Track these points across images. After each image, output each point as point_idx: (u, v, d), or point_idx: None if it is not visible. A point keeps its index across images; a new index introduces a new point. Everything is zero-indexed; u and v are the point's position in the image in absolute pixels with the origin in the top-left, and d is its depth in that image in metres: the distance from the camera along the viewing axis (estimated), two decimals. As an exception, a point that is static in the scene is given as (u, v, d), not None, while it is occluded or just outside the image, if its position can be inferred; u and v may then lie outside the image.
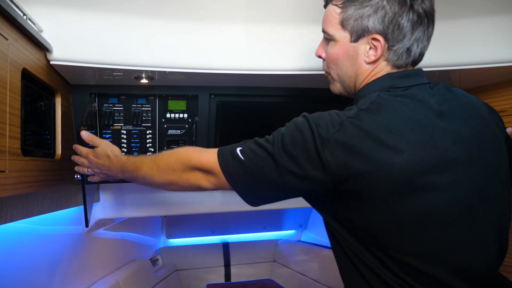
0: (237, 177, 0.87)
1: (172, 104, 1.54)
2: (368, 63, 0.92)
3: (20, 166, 0.93)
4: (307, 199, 0.92)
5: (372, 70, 0.92)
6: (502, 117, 0.97)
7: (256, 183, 0.86)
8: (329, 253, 2.49)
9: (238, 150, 0.87)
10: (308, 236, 3.09)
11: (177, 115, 1.56)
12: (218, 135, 1.61)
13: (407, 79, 0.91)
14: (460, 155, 0.83)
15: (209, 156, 0.91)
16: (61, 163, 1.24)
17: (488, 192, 0.85)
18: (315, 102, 1.60)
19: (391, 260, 0.81)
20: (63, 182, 1.24)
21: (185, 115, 1.56)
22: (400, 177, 0.78)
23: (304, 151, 0.80)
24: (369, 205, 0.80)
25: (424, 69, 1.37)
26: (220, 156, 0.89)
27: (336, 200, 0.84)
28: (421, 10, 0.87)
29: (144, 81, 1.38)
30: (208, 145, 1.60)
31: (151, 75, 1.34)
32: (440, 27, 1.35)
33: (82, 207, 1.51)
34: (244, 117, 1.64)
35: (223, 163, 0.88)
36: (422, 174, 0.79)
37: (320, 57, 1.02)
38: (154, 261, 2.72)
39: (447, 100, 0.89)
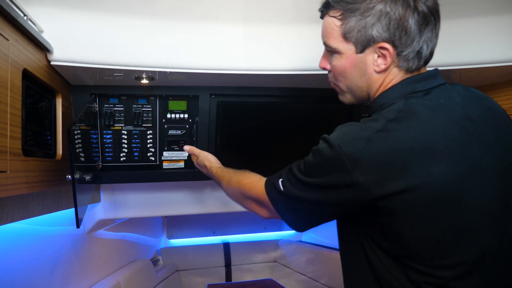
0: (282, 208, 0.89)
1: (172, 105, 1.55)
2: (378, 72, 0.87)
3: (21, 166, 0.93)
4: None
5: (385, 78, 0.87)
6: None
7: (298, 211, 0.87)
8: (330, 253, 2.50)
9: (279, 181, 0.88)
10: (309, 236, 3.08)
11: (177, 115, 1.56)
12: (218, 135, 1.61)
13: (427, 81, 0.86)
14: (486, 160, 0.79)
15: (258, 190, 0.95)
16: (62, 163, 1.25)
17: (510, 195, 0.81)
18: (315, 102, 1.60)
19: (418, 273, 0.78)
20: (64, 183, 1.24)
21: (186, 115, 1.57)
22: (438, 189, 0.73)
23: (332, 175, 0.77)
24: (403, 222, 0.76)
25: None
26: (266, 188, 0.92)
27: (367, 216, 0.80)
28: (426, 9, 0.81)
29: (144, 81, 1.38)
30: (208, 145, 1.60)
31: (151, 75, 1.34)
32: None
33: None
34: (244, 117, 1.64)
35: (270, 196, 0.91)
36: (458, 184, 0.75)
37: (324, 69, 0.98)
38: (155, 262, 2.72)
39: (470, 102, 0.84)
